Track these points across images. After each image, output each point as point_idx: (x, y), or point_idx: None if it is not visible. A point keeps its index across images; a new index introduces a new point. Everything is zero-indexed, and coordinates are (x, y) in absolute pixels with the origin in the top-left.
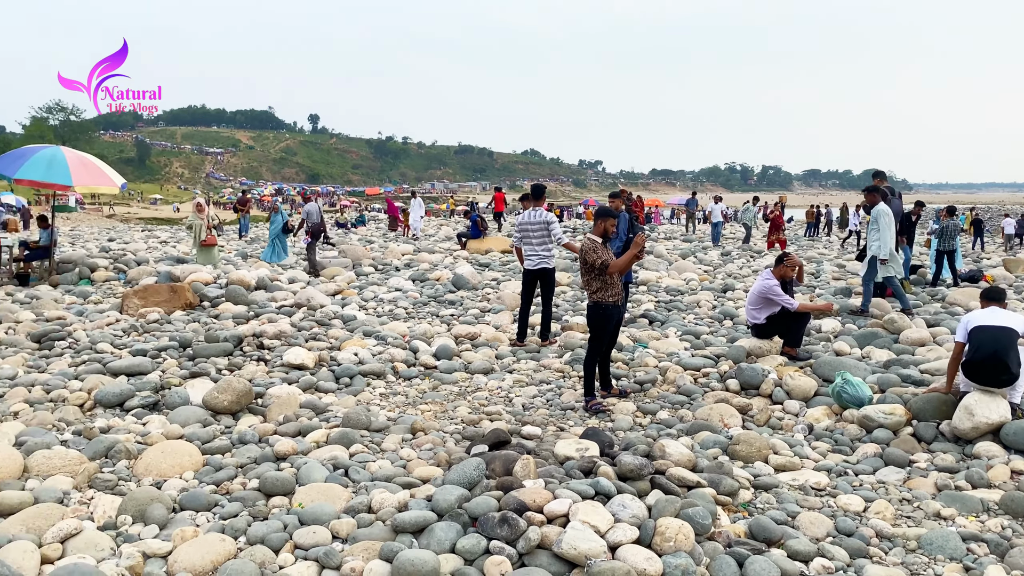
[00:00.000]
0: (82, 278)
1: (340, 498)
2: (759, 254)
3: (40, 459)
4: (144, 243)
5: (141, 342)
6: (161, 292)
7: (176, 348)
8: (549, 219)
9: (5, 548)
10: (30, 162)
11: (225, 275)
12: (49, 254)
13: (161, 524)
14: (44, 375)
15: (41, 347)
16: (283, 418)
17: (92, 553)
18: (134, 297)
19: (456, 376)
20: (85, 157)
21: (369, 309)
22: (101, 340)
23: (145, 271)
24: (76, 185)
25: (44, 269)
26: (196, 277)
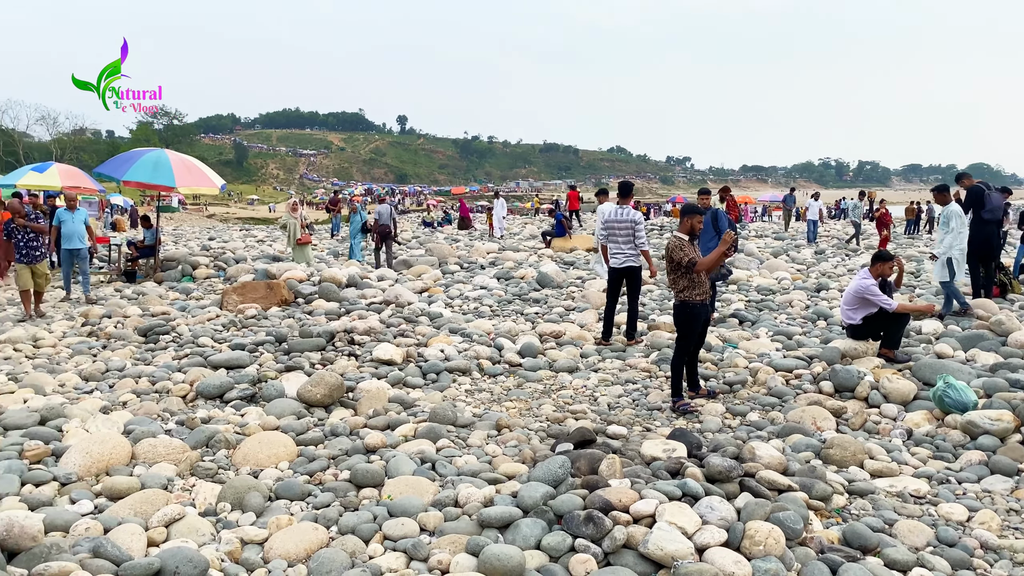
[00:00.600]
0: (184, 275)
1: (427, 491)
2: (855, 252)
3: (146, 447)
4: (242, 242)
5: (240, 337)
6: (258, 289)
7: (272, 343)
8: (636, 218)
9: (115, 530)
10: (137, 165)
11: (318, 273)
12: (154, 252)
13: (258, 512)
14: (150, 367)
15: (147, 341)
16: (372, 412)
17: (194, 538)
18: (233, 294)
19: (541, 374)
20: (187, 159)
21: (455, 307)
22: (202, 335)
23: (243, 269)
24: (179, 187)
25: (149, 267)
26: (291, 275)
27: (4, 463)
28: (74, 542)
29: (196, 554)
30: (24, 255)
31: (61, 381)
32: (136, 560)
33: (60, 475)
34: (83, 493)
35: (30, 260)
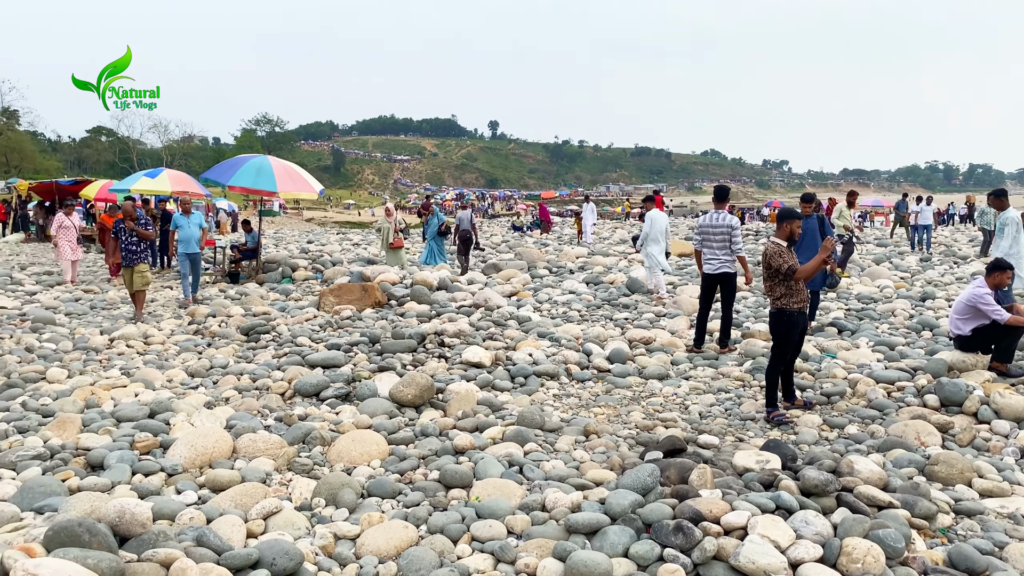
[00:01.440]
0: (284, 277)
1: (515, 495)
2: (965, 260)
3: (247, 442)
4: (338, 245)
5: (335, 337)
6: (353, 291)
7: (366, 343)
8: (732, 223)
9: (217, 521)
10: (241, 171)
11: (410, 276)
12: (256, 255)
13: (351, 508)
14: (251, 365)
15: (249, 339)
16: (461, 413)
17: (290, 531)
18: (329, 295)
19: (630, 380)
20: (288, 165)
21: (543, 311)
22: (300, 334)
23: (339, 271)
24: (280, 191)
25: (252, 268)
26: (384, 277)
27: (117, 453)
28: (179, 530)
29: (292, 547)
30: (123, 257)
31: (169, 377)
32: (236, 551)
33: (167, 466)
34: (188, 484)
35: (128, 263)
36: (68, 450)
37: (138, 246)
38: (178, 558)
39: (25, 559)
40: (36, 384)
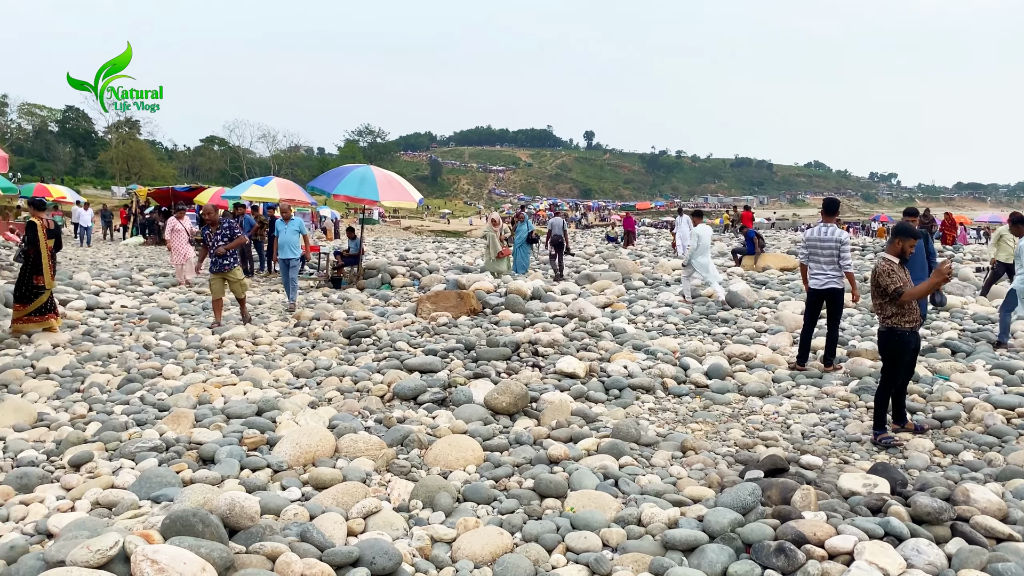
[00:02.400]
0: (384, 283)
1: (610, 507)
2: None
3: (348, 442)
4: (434, 253)
5: (432, 343)
6: (450, 298)
7: (462, 350)
8: (842, 238)
9: (319, 518)
10: (346, 180)
11: (504, 284)
12: (358, 261)
13: (447, 512)
14: (352, 367)
15: (350, 342)
16: (555, 423)
17: (388, 531)
18: (427, 302)
19: (729, 397)
20: (390, 175)
21: (639, 323)
22: (399, 339)
23: (436, 279)
24: (382, 201)
25: (353, 274)
26: (479, 286)
27: (227, 448)
28: (284, 525)
29: (391, 547)
30: (212, 264)
31: (276, 376)
32: (338, 548)
33: (273, 462)
34: (292, 481)
35: (217, 269)
36: (182, 443)
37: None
38: (283, 552)
39: (144, 544)
40: (153, 380)
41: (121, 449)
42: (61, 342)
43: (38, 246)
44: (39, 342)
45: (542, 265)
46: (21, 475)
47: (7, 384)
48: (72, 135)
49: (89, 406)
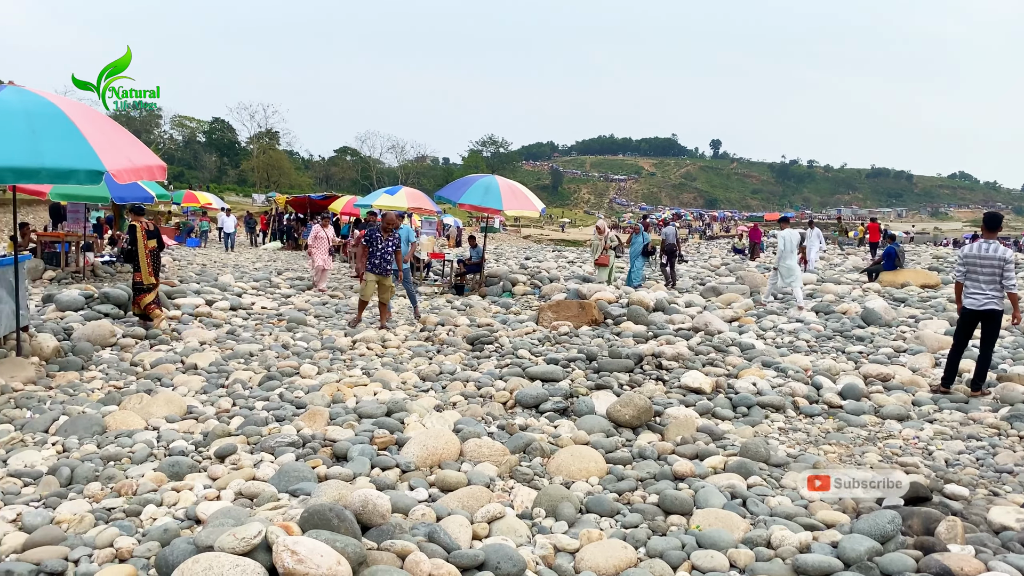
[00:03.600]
0: (505, 291)
1: (738, 527)
2: None
3: (473, 446)
4: (554, 262)
5: (553, 352)
6: (571, 308)
7: (583, 360)
8: (1006, 256)
9: (446, 519)
10: (471, 189)
11: (626, 295)
12: (480, 269)
13: (570, 522)
14: (476, 373)
15: (473, 348)
16: (680, 439)
17: (512, 537)
18: (548, 311)
19: (864, 419)
20: (514, 185)
21: (767, 339)
22: (521, 347)
23: (556, 287)
24: (506, 210)
25: (475, 282)
26: (601, 296)
27: (358, 447)
28: (412, 525)
29: (516, 553)
30: (376, 265)
31: (403, 379)
32: (464, 550)
33: (401, 462)
34: (419, 481)
35: (381, 271)
36: (317, 440)
37: (391, 255)
38: (412, 551)
39: (285, 535)
40: (291, 378)
41: (262, 443)
42: (208, 340)
43: (138, 247)
44: (188, 339)
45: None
46: (173, 463)
47: (160, 378)
48: (217, 145)
49: (233, 401)
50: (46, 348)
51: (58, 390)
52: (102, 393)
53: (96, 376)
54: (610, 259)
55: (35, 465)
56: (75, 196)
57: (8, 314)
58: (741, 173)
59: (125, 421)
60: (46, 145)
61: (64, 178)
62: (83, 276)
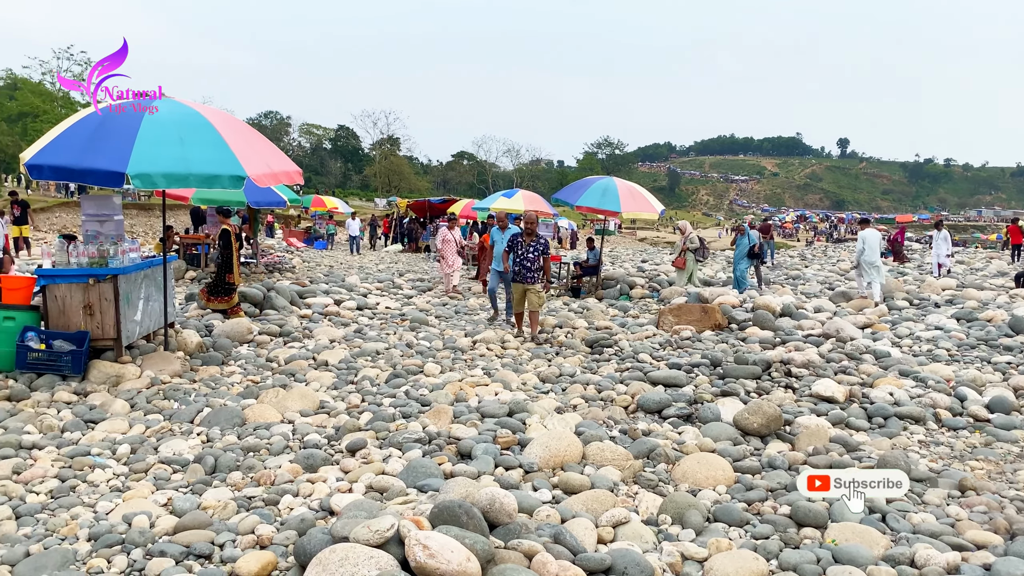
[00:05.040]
0: (622, 294)
1: (877, 544)
2: None
3: (595, 449)
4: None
5: (675, 356)
6: (693, 312)
7: (707, 366)
8: None
9: (570, 522)
10: (589, 191)
11: (751, 300)
12: (596, 272)
13: (697, 530)
14: (596, 376)
15: (592, 351)
16: (812, 449)
17: (638, 543)
18: (669, 314)
19: (1016, 434)
20: (632, 187)
21: (904, 347)
22: (641, 351)
23: (676, 291)
24: (624, 212)
25: (592, 284)
26: (724, 299)
27: (482, 445)
28: (537, 525)
29: (643, 559)
30: (519, 273)
31: (523, 380)
32: (590, 554)
33: (524, 463)
34: (543, 483)
35: (525, 279)
36: (442, 437)
37: (531, 263)
38: (539, 552)
39: (416, 530)
40: (416, 376)
41: (390, 439)
42: (337, 338)
43: (231, 250)
44: (319, 337)
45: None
46: (308, 456)
47: (294, 373)
48: (342, 151)
49: (362, 397)
50: (190, 343)
51: (201, 383)
52: (241, 387)
53: (235, 371)
54: (688, 261)
55: (182, 453)
56: (214, 200)
57: (158, 311)
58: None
59: (263, 414)
60: (194, 152)
61: (209, 183)
62: None
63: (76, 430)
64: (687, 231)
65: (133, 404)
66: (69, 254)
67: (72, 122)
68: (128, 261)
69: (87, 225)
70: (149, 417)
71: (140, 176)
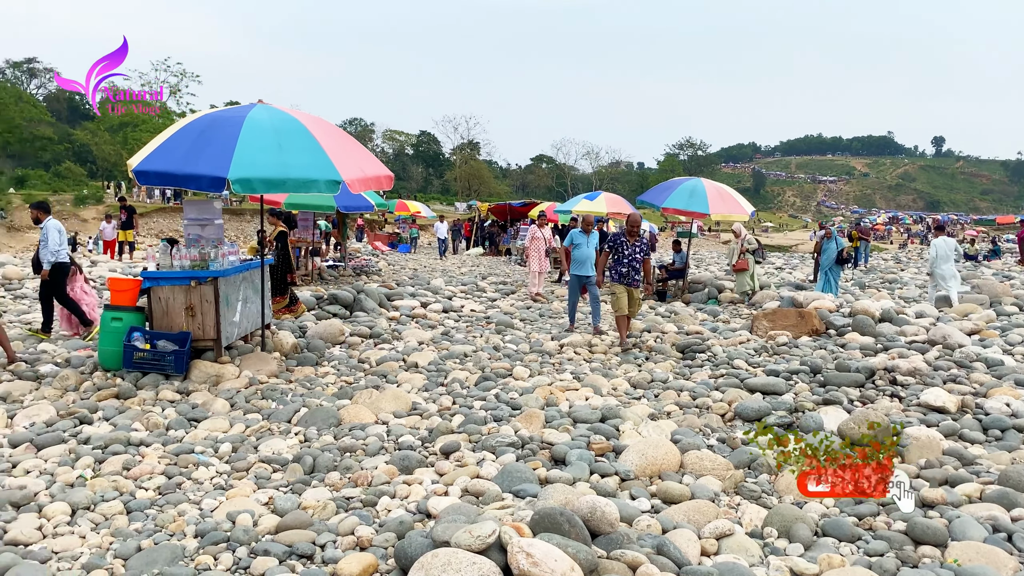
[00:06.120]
0: (711, 298)
1: (1005, 565)
2: None
3: (693, 458)
4: (761, 268)
5: (772, 363)
6: (789, 316)
7: (807, 373)
8: None
9: (672, 533)
10: (675, 193)
11: (848, 304)
12: (683, 275)
13: (806, 544)
14: (689, 382)
15: (684, 356)
16: (924, 462)
17: (743, 556)
18: (763, 319)
19: None
20: (721, 187)
21: (1017, 355)
22: (736, 357)
23: (768, 295)
24: (712, 213)
25: (678, 288)
26: (820, 304)
27: (576, 451)
28: (639, 535)
29: (750, 573)
30: (623, 275)
31: (614, 385)
32: (695, 566)
33: (620, 470)
34: (641, 491)
35: (628, 282)
36: (535, 442)
37: (639, 263)
38: (643, 563)
39: (518, 537)
40: (504, 379)
41: (483, 442)
42: (425, 340)
43: (288, 250)
44: (407, 339)
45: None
46: (403, 457)
47: (386, 375)
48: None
49: (452, 399)
50: (286, 344)
51: (297, 383)
52: (335, 388)
53: (329, 371)
54: (750, 263)
55: (281, 452)
56: (305, 205)
57: (255, 312)
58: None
59: (357, 415)
60: (291, 158)
61: (306, 187)
62: (311, 279)
63: (180, 428)
64: (741, 233)
65: (233, 403)
66: (172, 257)
67: (175, 129)
68: (227, 264)
69: (189, 229)
70: (248, 416)
71: (240, 181)
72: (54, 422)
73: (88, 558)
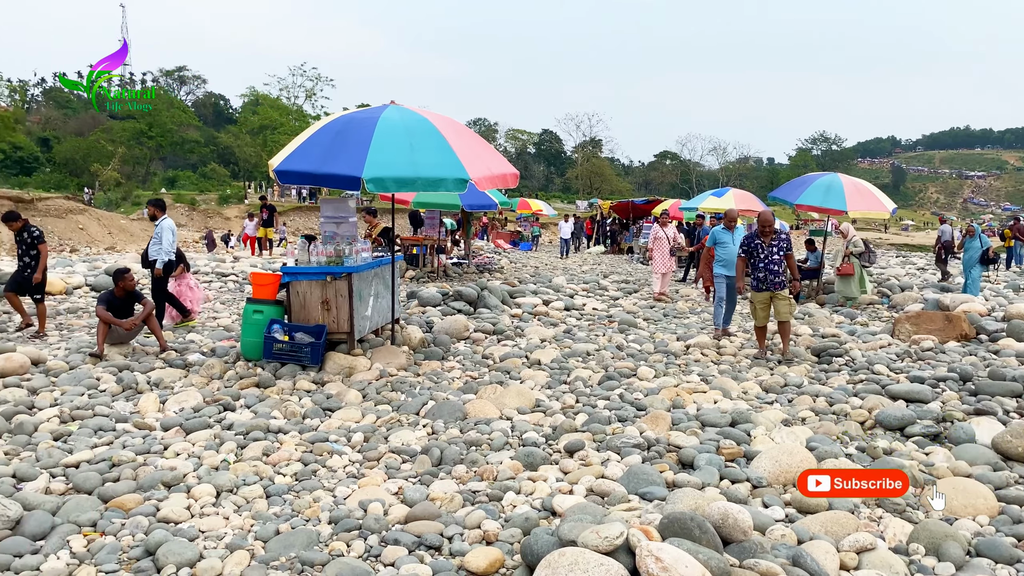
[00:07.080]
0: (848, 299)
1: None
2: None
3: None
4: (901, 269)
5: (916, 369)
6: (935, 320)
7: (955, 380)
8: None
9: (808, 544)
10: (810, 189)
11: (1001, 308)
12: (817, 275)
13: (957, 564)
14: (825, 388)
15: (820, 361)
16: None
17: (887, 573)
18: (906, 323)
19: None
20: (860, 183)
21: None
22: (876, 362)
23: (910, 297)
24: (850, 210)
25: (812, 288)
26: (968, 307)
27: (705, 456)
28: (772, 545)
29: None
30: (762, 279)
31: (744, 388)
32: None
33: (752, 477)
34: (774, 499)
35: (771, 286)
36: (662, 444)
37: (778, 267)
38: (779, 574)
39: (647, 540)
40: (629, 379)
41: (607, 442)
42: (547, 337)
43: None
44: (530, 336)
45: None
46: (528, 454)
47: (509, 371)
48: (546, 155)
49: (576, 398)
50: (414, 338)
51: (424, 377)
52: (460, 382)
53: (455, 366)
54: (856, 267)
55: (410, 444)
56: (432, 204)
57: (386, 307)
58: None
59: (483, 410)
60: (421, 157)
61: (435, 186)
62: (437, 275)
63: (315, 417)
64: (849, 234)
65: (364, 395)
66: (310, 253)
67: (313, 131)
68: (360, 260)
69: (325, 226)
70: (379, 408)
71: (374, 180)
72: (201, 408)
73: (231, 538)
